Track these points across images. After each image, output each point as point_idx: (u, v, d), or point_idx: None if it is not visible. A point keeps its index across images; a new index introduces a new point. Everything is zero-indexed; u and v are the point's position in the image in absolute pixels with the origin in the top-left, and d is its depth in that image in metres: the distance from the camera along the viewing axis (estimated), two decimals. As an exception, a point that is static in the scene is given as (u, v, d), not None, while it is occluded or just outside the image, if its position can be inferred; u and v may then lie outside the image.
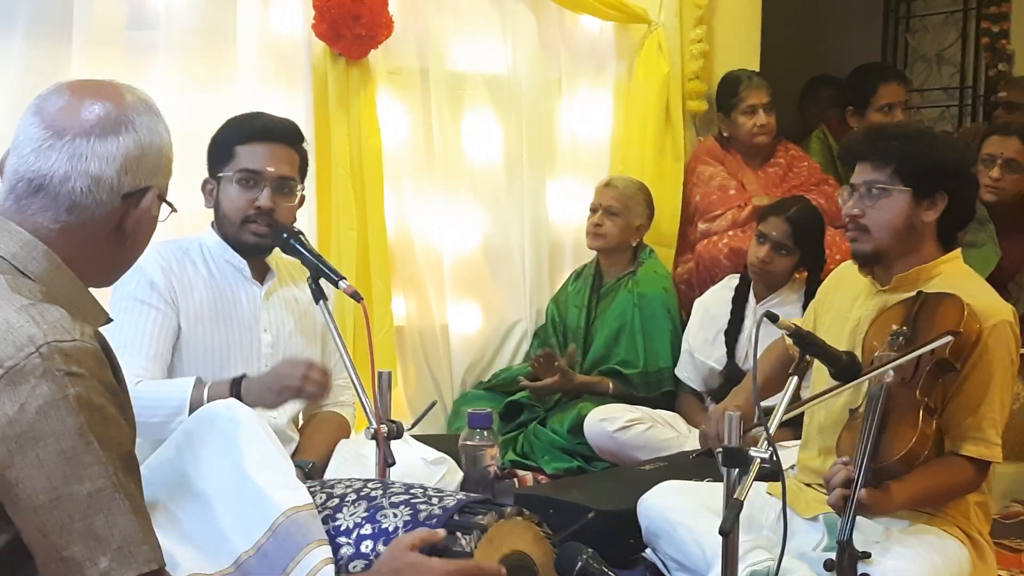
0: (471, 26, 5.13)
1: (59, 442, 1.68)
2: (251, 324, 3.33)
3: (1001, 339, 3.06)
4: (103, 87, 1.94)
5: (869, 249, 3.21)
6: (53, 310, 1.76)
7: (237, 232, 3.28)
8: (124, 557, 1.69)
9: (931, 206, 3.15)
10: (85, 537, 1.68)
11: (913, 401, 2.99)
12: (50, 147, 1.85)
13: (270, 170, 3.27)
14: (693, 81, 5.60)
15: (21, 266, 1.82)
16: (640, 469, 4.11)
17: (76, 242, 1.87)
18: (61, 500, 1.68)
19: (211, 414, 2.50)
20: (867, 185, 3.18)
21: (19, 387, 1.68)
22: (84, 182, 1.85)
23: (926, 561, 2.91)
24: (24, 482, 1.68)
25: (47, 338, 1.71)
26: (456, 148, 5.11)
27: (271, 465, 2.36)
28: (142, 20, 4.34)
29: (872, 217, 3.17)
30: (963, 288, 3.11)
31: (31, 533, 1.69)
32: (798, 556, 3.00)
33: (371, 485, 2.40)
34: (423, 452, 3.32)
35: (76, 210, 1.86)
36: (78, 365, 1.72)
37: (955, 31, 7.02)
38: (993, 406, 3.05)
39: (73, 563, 1.68)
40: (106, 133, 1.87)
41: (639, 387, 4.83)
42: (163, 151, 1.96)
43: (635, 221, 4.99)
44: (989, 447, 3.04)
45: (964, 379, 3.04)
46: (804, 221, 4.52)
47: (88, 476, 1.69)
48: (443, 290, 5.10)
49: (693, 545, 3.15)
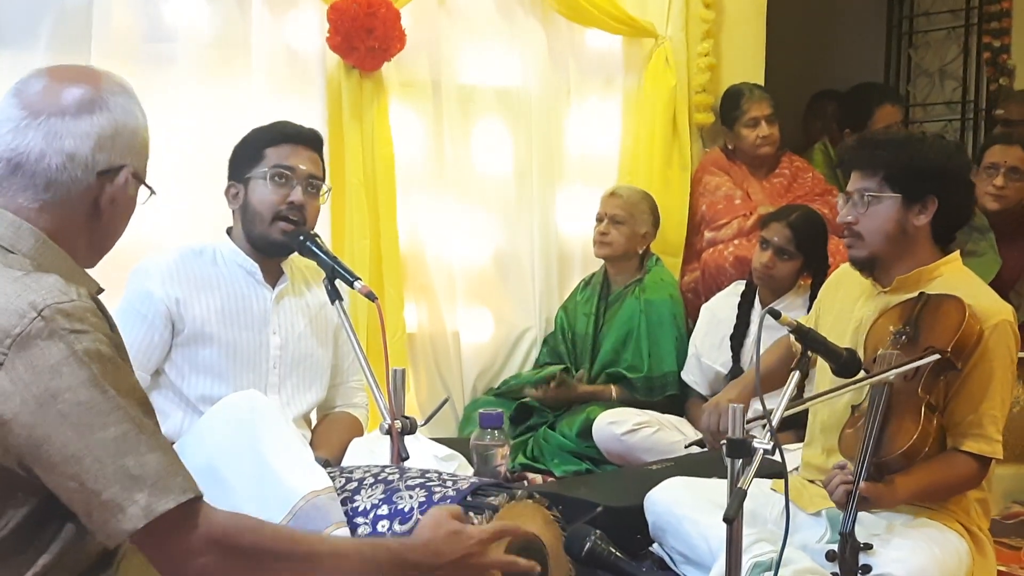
0: (482, 39, 5.19)
1: (76, 395, 1.73)
2: (260, 327, 3.35)
3: (1002, 338, 3.10)
4: (80, 71, 1.98)
5: (864, 255, 3.27)
6: (47, 276, 1.80)
7: (267, 230, 3.30)
8: (161, 490, 1.74)
9: (922, 210, 3.20)
10: (120, 478, 1.72)
11: (915, 398, 3.03)
12: (27, 126, 1.88)
13: (302, 168, 3.32)
14: (700, 94, 5.65)
15: (9, 245, 1.86)
16: (647, 469, 4.14)
17: (56, 220, 1.90)
18: (90, 448, 1.72)
19: (232, 404, 2.55)
20: (859, 192, 3.24)
21: (29, 351, 1.73)
22: (59, 159, 1.88)
23: (926, 553, 2.95)
24: (52, 438, 1.72)
25: (46, 301, 1.75)
26: (467, 158, 5.17)
27: (291, 452, 2.43)
28: (160, 33, 4.42)
29: (865, 224, 3.23)
30: (964, 289, 3.16)
31: (68, 486, 1.73)
32: (801, 548, 3.03)
33: (388, 470, 2.46)
34: (435, 449, 3.35)
35: (53, 187, 1.89)
36: (80, 322, 1.76)
37: (957, 46, 7.04)
38: (994, 404, 3.09)
39: (113, 504, 1.72)
40: (81, 112, 1.90)
41: (642, 391, 4.88)
42: (138, 131, 1.99)
43: (640, 229, 5.03)
44: (990, 444, 3.08)
45: (966, 377, 3.08)
46: (805, 226, 4.57)
47: (111, 422, 1.74)
48: (454, 298, 5.15)
49: (699, 539, 3.19)
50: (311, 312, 3.46)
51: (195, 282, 3.31)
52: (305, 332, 3.43)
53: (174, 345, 3.28)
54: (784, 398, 2.71)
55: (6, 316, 1.74)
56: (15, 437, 1.73)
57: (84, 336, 1.76)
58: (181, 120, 4.33)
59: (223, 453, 2.39)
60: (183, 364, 3.28)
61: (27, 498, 1.79)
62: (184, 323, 3.26)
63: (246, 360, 3.32)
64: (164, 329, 3.25)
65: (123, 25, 4.31)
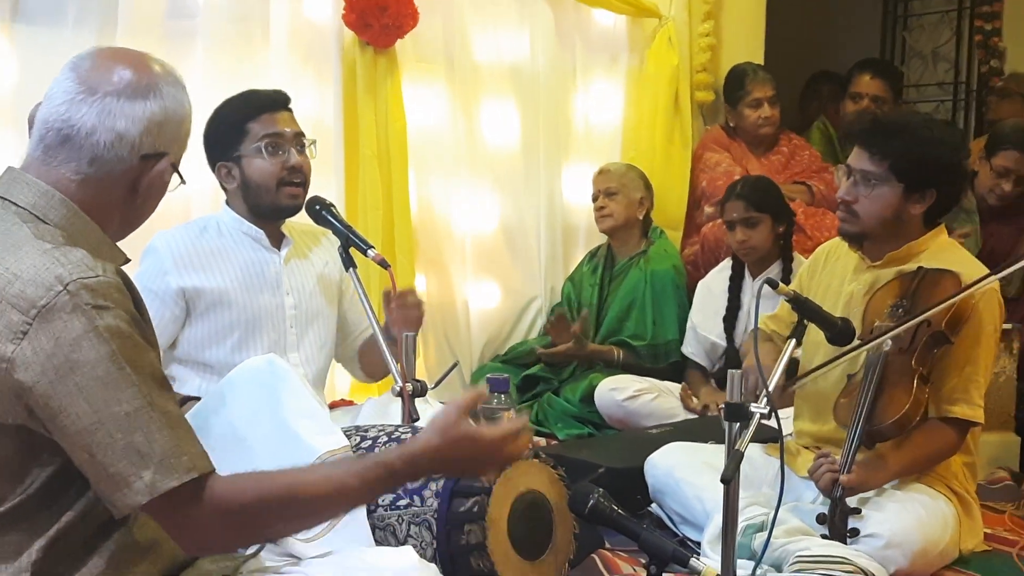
0: (492, 18, 5.19)
1: (94, 369, 1.73)
2: (274, 289, 3.37)
3: (988, 307, 3.13)
4: (137, 56, 1.97)
5: (856, 231, 3.28)
6: (75, 251, 1.80)
7: (274, 198, 3.30)
8: (166, 469, 1.74)
9: (920, 200, 3.21)
10: (128, 454, 1.73)
11: (909, 369, 3.06)
12: (82, 101, 1.88)
13: (288, 131, 3.32)
14: (701, 73, 5.65)
15: (41, 214, 1.86)
16: (646, 433, 4.16)
17: (94, 194, 1.91)
18: (103, 422, 1.73)
19: (253, 368, 2.57)
20: (862, 174, 3.23)
21: (52, 323, 1.73)
22: (108, 137, 1.88)
23: (911, 515, 2.98)
24: (68, 409, 1.73)
25: (72, 276, 1.75)
26: (476, 133, 5.18)
27: (309, 414, 2.45)
28: (182, 10, 4.42)
29: (863, 205, 3.23)
30: (951, 260, 3.19)
31: (80, 455, 1.74)
32: (793, 510, 3.06)
33: (400, 430, 2.48)
34: (444, 411, 3.37)
35: (97, 163, 1.89)
36: (104, 298, 1.76)
37: (949, 30, 7.03)
38: (978, 368, 3.12)
39: (120, 478, 1.73)
40: (136, 96, 1.90)
41: (646, 358, 4.90)
42: (183, 121, 2.00)
43: (635, 195, 5.05)
44: (973, 408, 3.11)
45: (954, 345, 3.10)
46: (753, 189, 4.60)
47: (124, 398, 1.74)
48: (464, 268, 5.17)
49: (695, 500, 3.22)
50: (316, 271, 3.48)
51: (208, 257, 3.32)
52: (315, 290, 3.46)
53: (194, 318, 3.29)
54: (780, 364, 2.74)
55: (33, 287, 1.75)
56: (35, 403, 1.74)
57: (106, 312, 1.76)
58: (202, 94, 4.31)
59: (245, 415, 2.41)
60: (203, 334, 3.30)
61: (52, 458, 1.81)
62: (202, 298, 3.28)
63: (266, 322, 3.34)
64: (175, 306, 3.26)
65: (147, 1, 4.31)
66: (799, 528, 2.97)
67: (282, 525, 1.90)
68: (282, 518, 1.86)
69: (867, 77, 5.63)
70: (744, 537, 2.89)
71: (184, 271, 3.27)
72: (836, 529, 2.94)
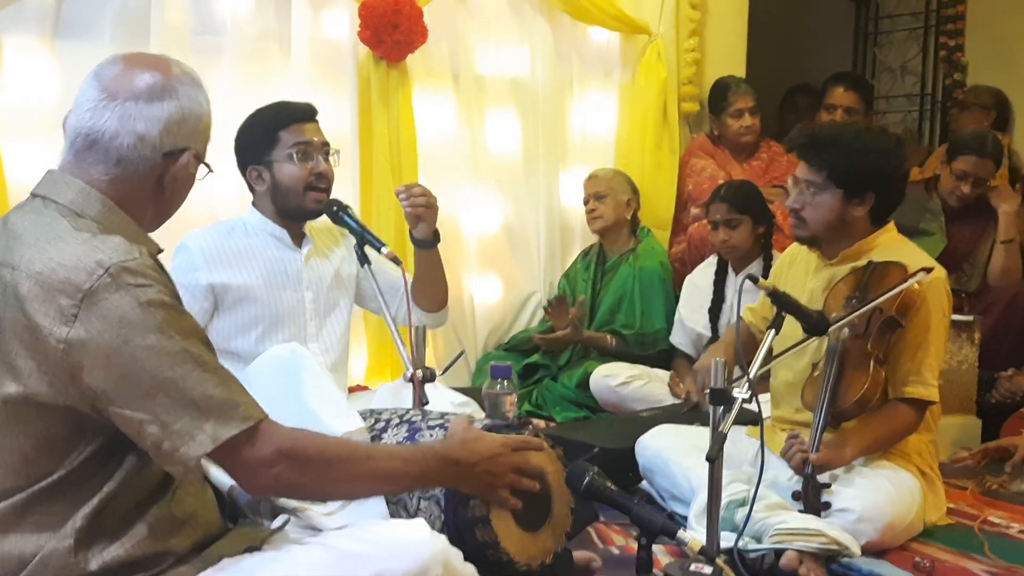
0: (495, 35, 5.20)
1: (145, 339, 1.76)
2: (295, 285, 3.37)
3: (935, 295, 3.18)
4: (154, 59, 1.98)
5: (807, 235, 3.35)
6: (112, 238, 1.83)
7: (301, 201, 3.31)
8: (225, 419, 1.79)
9: (860, 203, 3.26)
10: (189, 410, 1.77)
11: (865, 353, 3.10)
12: (104, 107, 1.89)
13: (316, 140, 3.33)
14: (687, 85, 5.65)
15: (79, 210, 1.88)
16: (637, 416, 4.18)
17: (124, 191, 1.92)
18: (162, 385, 1.76)
19: (277, 356, 2.59)
20: (806, 183, 3.29)
21: (99, 304, 1.75)
22: (131, 139, 1.90)
23: (881, 490, 3.01)
24: (128, 379, 1.76)
25: (112, 259, 1.78)
26: (481, 142, 5.18)
27: (328, 398, 2.47)
28: (209, 27, 4.44)
29: (809, 212, 3.29)
30: (899, 254, 3.24)
31: (141, 419, 1.77)
32: (771, 486, 3.08)
33: (411, 413, 2.49)
34: (451, 396, 3.38)
35: (123, 163, 1.90)
36: (143, 277, 1.79)
37: (916, 45, 7.04)
38: (929, 352, 3.16)
39: (184, 432, 1.77)
40: (153, 98, 1.91)
41: (635, 346, 4.91)
42: (201, 117, 2.00)
43: (622, 197, 5.06)
44: (927, 388, 3.14)
45: (905, 331, 3.14)
46: (735, 192, 4.60)
47: (178, 362, 1.77)
48: (469, 265, 5.17)
49: (682, 478, 3.24)
50: (333, 267, 3.48)
51: (236, 255, 3.33)
52: (332, 284, 3.46)
53: (222, 311, 3.30)
54: (761, 352, 2.76)
55: (77, 273, 1.77)
56: (93, 380, 1.76)
57: (148, 289, 1.78)
58: (227, 105, 4.31)
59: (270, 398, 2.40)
60: (230, 326, 3.31)
61: (96, 436, 1.83)
62: (229, 293, 3.29)
63: (287, 315, 3.35)
64: (205, 300, 3.27)
65: (177, 19, 4.34)
66: (778, 503, 2.99)
67: (336, 479, 1.94)
68: (339, 471, 1.92)
69: (841, 89, 5.65)
70: (727, 512, 2.90)
71: (213, 268, 3.29)
72: (810, 504, 2.96)
